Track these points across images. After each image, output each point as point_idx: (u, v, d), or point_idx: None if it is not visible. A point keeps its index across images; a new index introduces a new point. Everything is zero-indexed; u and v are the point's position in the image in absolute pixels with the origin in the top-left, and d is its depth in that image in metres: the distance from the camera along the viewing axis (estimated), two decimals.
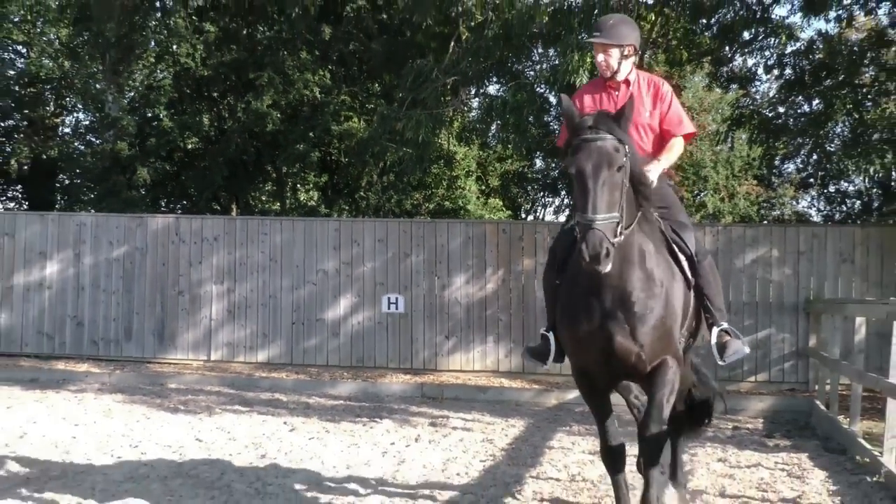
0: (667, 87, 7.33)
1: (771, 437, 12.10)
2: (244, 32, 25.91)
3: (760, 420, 13.68)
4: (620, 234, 5.83)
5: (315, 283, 17.44)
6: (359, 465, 9.59)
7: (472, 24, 18.42)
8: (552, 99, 18.48)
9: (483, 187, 31.36)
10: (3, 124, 28.45)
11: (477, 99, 23.28)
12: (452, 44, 18.48)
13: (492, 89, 21.53)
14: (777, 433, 12.40)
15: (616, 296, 6.22)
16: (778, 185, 32.97)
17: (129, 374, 16.44)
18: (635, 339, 6.24)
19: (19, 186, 30.78)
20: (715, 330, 6.84)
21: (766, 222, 31.51)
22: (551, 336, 6.78)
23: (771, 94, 21.07)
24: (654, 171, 6.84)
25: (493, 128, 21.31)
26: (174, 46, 25.51)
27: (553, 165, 26.89)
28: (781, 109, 18.59)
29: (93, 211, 23.70)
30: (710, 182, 32.71)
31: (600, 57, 7.09)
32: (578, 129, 5.97)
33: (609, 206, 5.76)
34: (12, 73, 27.85)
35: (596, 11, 14.98)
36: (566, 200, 25.19)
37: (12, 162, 27.06)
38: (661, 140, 7.29)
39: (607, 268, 5.71)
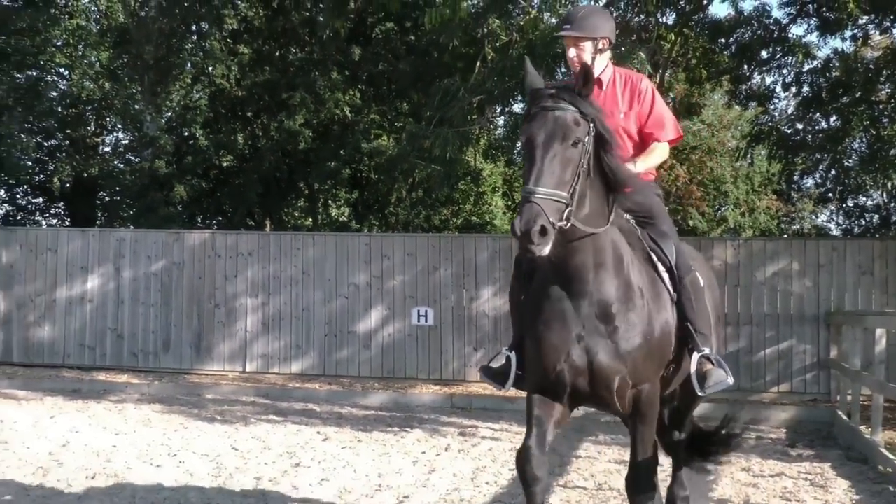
0: (646, 84, 6.48)
1: (794, 446, 12.12)
2: (277, 54, 26.27)
3: (783, 430, 13.68)
4: (567, 219, 4.98)
5: (347, 296, 17.68)
6: (390, 474, 9.67)
7: (498, 44, 18.57)
8: None
9: (509, 202, 31.54)
10: (46, 144, 28.90)
11: (502, 117, 23.45)
12: (478, 64, 18.52)
13: (517, 107, 21.71)
14: (800, 443, 12.40)
15: (592, 306, 5.41)
16: (797, 200, 32.92)
17: (167, 384, 16.66)
18: (622, 359, 5.42)
19: (62, 203, 31.19)
20: (695, 356, 5.85)
21: (786, 236, 31.51)
22: (513, 356, 5.88)
23: (789, 112, 21.18)
24: None
25: (518, 145, 21.53)
26: (210, 68, 25.91)
27: None
28: (800, 126, 18.62)
29: (132, 227, 24.21)
30: (731, 197, 32.71)
31: (572, 52, 6.26)
32: (538, 98, 5.26)
33: (557, 182, 4.97)
34: (55, 94, 28.23)
35: (617, 31, 15.22)
36: None
37: (55, 180, 27.47)
38: (643, 145, 6.48)
39: (544, 250, 4.86)
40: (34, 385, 16.28)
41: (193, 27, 26.70)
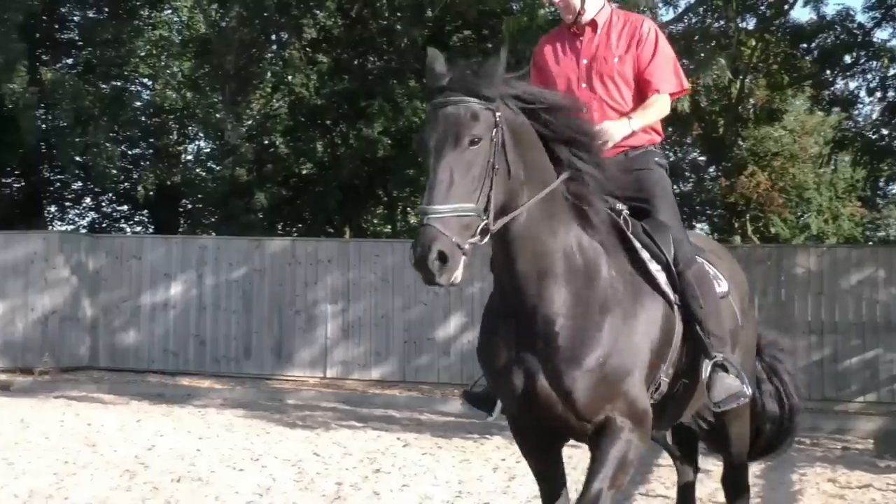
0: (648, 27, 5.39)
1: (881, 457, 11.87)
2: (355, 63, 26.44)
3: (870, 440, 13.38)
4: (483, 233, 4.11)
5: (426, 303, 17.72)
6: (470, 481, 9.66)
7: None
8: None
9: None
10: (130, 153, 29.52)
11: None
12: None
13: None
14: (888, 454, 12.10)
15: (534, 323, 4.52)
16: (882, 207, 32.33)
17: (248, 390, 16.87)
18: (562, 386, 4.46)
19: (145, 211, 31.82)
20: (706, 364, 4.91)
21: (871, 243, 30.97)
22: None
23: (874, 117, 20.91)
24: (613, 132, 5.09)
25: None
26: (289, 77, 26.16)
27: None
28: (885, 132, 18.36)
29: (214, 234, 24.55)
30: (814, 204, 32.20)
31: None
32: (430, 94, 4.34)
33: (462, 194, 4.03)
34: (139, 104, 28.90)
35: (696, 38, 15.12)
36: None
37: (139, 188, 28.06)
38: (642, 96, 5.36)
39: (452, 277, 3.98)
40: (120, 389, 16.60)
41: (273, 37, 27.04)
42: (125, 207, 32.55)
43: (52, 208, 31.87)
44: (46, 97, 24.31)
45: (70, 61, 28.85)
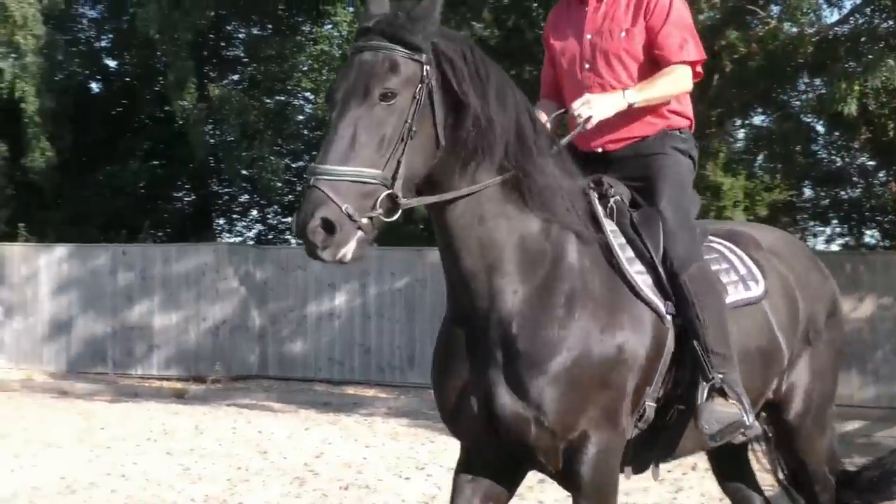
0: None
1: None
2: (512, 73, 26.42)
3: None
4: (387, 205, 3.47)
5: None
6: (637, 492, 9.46)
7: (735, 56, 18.30)
8: (819, 128, 18.06)
9: (751, 217, 30.73)
10: (294, 166, 30.31)
11: (742, 130, 23.05)
12: (716, 76, 18.39)
13: (757, 120, 21.29)
14: None
15: (487, 329, 3.88)
16: None
17: (412, 399, 16.94)
18: (527, 398, 3.76)
19: None
20: (702, 387, 4.05)
21: None
22: None
23: None
24: (597, 107, 4.29)
25: (759, 158, 21.07)
26: None
27: (822, 194, 26.17)
28: None
29: (376, 245, 24.98)
30: None
31: None
32: (355, 36, 3.67)
33: (364, 157, 3.38)
34: (301, 118, 29.67)
35: (863, 39, 14.66)
36: (837, 230, 24.30)
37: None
38: (657, 71, 4.48)
39: (340, 253, 3.38)
40: (289, 398, 17.02)
41: None
42: (290, 219, 33.37)
43: (221, 221, 32.92)
44: (214, 113, 25.13)
45: (236, 77, 29.82)
